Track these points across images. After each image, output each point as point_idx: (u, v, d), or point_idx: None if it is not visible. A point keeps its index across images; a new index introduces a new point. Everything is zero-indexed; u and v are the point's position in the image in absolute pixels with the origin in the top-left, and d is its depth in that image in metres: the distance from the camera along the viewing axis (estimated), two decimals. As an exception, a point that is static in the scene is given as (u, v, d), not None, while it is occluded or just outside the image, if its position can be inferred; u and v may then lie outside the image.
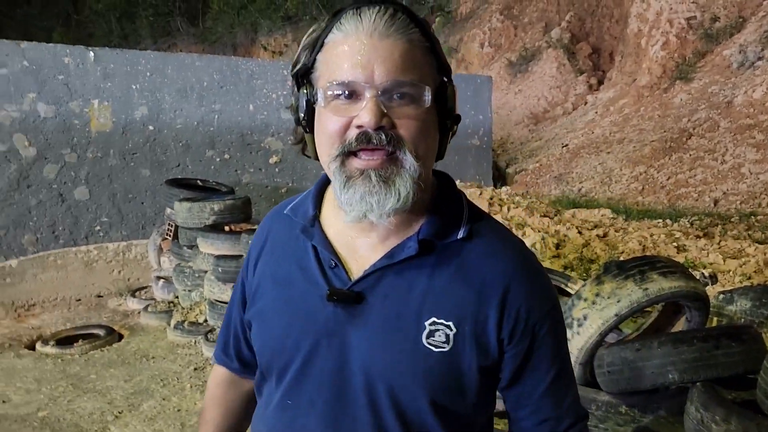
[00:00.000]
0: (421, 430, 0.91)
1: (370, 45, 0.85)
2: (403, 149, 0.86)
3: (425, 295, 0.91)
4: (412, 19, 0.88)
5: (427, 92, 0.87)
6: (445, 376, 0.89)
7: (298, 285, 0.96)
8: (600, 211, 5.70)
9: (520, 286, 0.92)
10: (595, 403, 2.46)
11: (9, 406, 4.00)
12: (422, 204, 0.93)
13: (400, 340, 0.89)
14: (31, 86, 6.26)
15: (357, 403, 0.90)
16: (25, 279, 5.99)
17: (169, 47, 27.00)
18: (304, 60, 0.92)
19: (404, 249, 0.92)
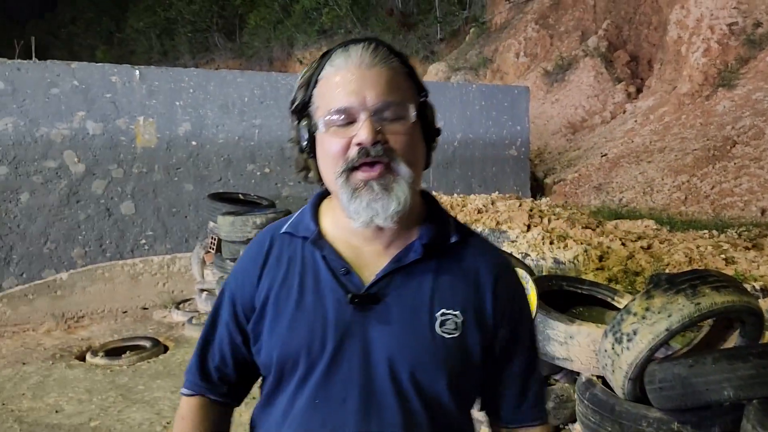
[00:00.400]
0: (440, 409, 1.04)
1: (359, 74, 1.01)
2: (397, 160, 1.00)
3: (433, 291, 1.06)
4: (391, 50, 1.05)
5: (411, 110, 1.03)
6: (458, 358, 1.05)
7: (313, 292, 1.06)
8: (643, 222, 5.60)
9: (505, 279, 1.12)
10: (646, 419, 2.42)
11: (62, 415, 4.12)
12: (415, 216, 1.09)
13: (418, 332, 1.03)
14: (81, 105, 6.48)
15: (384, 392, 1.02)
16: (75, 291, 6.17)
17: (207, 62, 27.58)
18: (301, 97, 1.07)
19: (410, 253, 1.07)
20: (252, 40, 25.39)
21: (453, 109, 8.81)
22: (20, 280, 6.21)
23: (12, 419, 4.04)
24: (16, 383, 4.69)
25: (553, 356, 2.89)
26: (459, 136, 8.85)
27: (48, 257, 6.36)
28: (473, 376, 1.09)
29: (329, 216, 1.12)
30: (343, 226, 1.08)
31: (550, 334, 2.86)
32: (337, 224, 1.10)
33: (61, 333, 6.01)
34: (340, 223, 1.08)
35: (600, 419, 2.54)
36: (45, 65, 6.40)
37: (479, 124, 9.01)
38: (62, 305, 6.12)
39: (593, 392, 2.64)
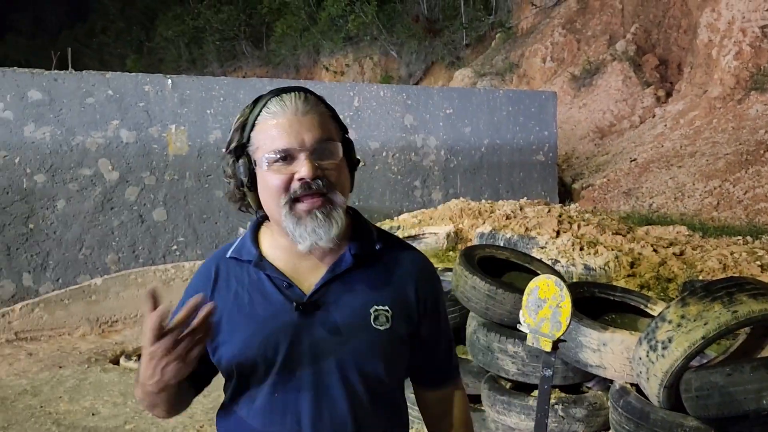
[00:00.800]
0: (379, 388, 1.25)
1: (296, 120, 1.18)
2: (334, 191, 1.19)
3: (365, 292, 1.25)
4: (317, 97, 1.24)
5: (339, 147, 1.22)
6: (391, 345, 1.25)
7: (263, 305, 1.23)
8: (675, 228, 5.52)
9: (425, 276, 1.33)
10: (682, 428, 2.40)
11: (98, 418, 4.21)
12: (345, 230, 1.24)
13: (356, 328, 1.22)
14: (115, 114, 6.62)
15: (332, 380, 1.21)
16: (109, 296, 6.29)
17: (234, 70, 27.93)
18: (237, 138, 1.23)
19: (342, 263, 1.25)
20: (279, 47, 25.62)
21: (480, 115, 8.80)
22: (56, 285, 6.36)
23: (50, 421, 4.14)
24: (53, 386, 4.80)
25: (585, 363, 2.87)
26: (486, 142, 8.84)
27: (83, 263, 6.50)
28: (404, 357, 1.31)
29: (267, 239, 1.29)
30: (281, 246, 1.26)
31: (582, 341, 2.85)
32: (275, 246, 1.27)
33: (96, 337, 6.13)
34: (278, 244, 1.27)
35: (635, 427, 2.52)
36: (81, 76, 6.56)
37: (506, 129, 8.99)
38: (96, 310, 6.25)
39: (627, 400, 2.62)
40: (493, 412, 3.12)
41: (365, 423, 1.25)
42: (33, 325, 6.00)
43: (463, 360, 3.55)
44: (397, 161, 8.26)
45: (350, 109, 7.94)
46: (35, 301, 6.04)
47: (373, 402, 1.25)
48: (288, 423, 1.22)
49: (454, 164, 8.64)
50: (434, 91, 8.74)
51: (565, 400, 2.94)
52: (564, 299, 2.11)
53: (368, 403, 1.24)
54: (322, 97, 1.27)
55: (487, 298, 3.27)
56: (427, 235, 6.13)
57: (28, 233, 6.28)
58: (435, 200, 8.38)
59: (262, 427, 1.23)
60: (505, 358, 3.16)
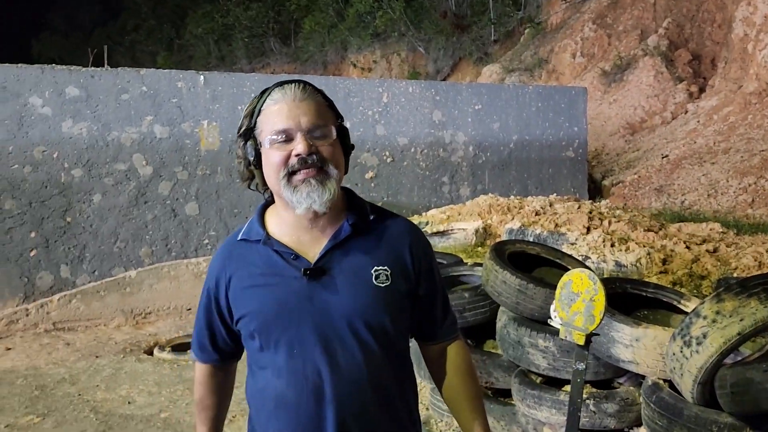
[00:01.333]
0: (385, 338, 1.41)
1: (294, 105, 1.36)
2: (327, 164, 1.36)
3: (365, 255, 1.42)
4: (314, 89, 1.41)
5: (333, 131, 1.40)
6: (392, 299, 1.42)
7: (274, 277, 1.40)
8: (708, 225, 5.43)
9: (417, 240, 1.51)
10: (717, 424, 2.38)
11: (134, 407, 4.31)
12: (340, 207, 1.44)
13: (361, 287, 1.40)
14: (149, 109, 6.75)
15: (344, 333, 1.37)
16: (143, 289, 6.43)
17: (263, 67, 28.14)
18: (247, 124, 1.41)
19: (342, 232, 1.42)
20: (307, 44, 25.72)
21: (509, 111, 8.76)
22: (92, 277, 6.51)
23: (88, 409, 4.26)
24: (91, 375, 4.93)
25: (618, 359, 2.86)
26: (515, 138, 8.79)
27: (118, 256, 6.65)
28: (405, 311, 1.47)
29: (273, 220, 1.46)
30: (286, 223, 1.43)
31: (614, 337, 2.84)
32: (280, 224, 1.44)
33: (130, 328, 6.27)
34: (282, 222, 1.44)
35: (668, 423, 2.51)
36: (116, 72, 6.70)
37: (536, 125, 8.93)
38: (131, 302, 6.39)
39: (660, 396, 2.61)
40: (523, 406, 3.12)
41: (378, 372, 1.40)
42: (70, 315, 6.16)
43: (493, 354, 3.56)
44: (426, 157, 8.27)
45: (379, 105, 7.96)
46: (72, 293, 6.20)
47: (383, 353, 1.41)
48: (310, 375, 1.37)
49: (482, 160, 8.62)
50: (463, 87, 8.72)
51: (597, 395, 2.94)
52: (597, 293, 2.11)
53: (379, 355, 1.40)
54: (320, 89, 1.44)
55: (517, 293, 3.28)
56: (455, 230, 6.14)
57: (65, 226, 6.44)
58: (463, 196, 8.37)
59: (287, 383, 1.38)
60: (536, 353, 3.16)
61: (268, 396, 1.41)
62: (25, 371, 5.01)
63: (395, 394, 1.45)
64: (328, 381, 1.36)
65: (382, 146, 7.94)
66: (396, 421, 1.45)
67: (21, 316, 6.03)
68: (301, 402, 1.37)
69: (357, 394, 1.37)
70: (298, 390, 1.37)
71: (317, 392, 1.37)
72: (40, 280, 6.38)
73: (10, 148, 6.25)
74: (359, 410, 1.38)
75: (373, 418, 1.40)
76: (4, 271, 6.26)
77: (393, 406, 1.44)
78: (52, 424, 4.00)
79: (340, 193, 1.46)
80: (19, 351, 5.53)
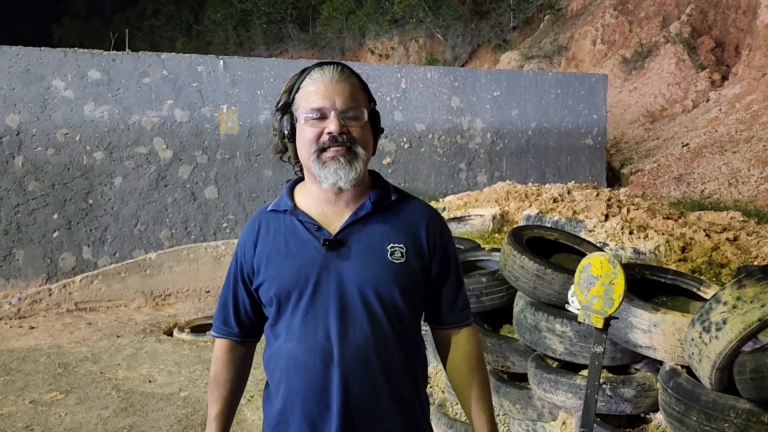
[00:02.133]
0: (396, 313, 1.47)
1: (331, 86, 1.43)
2: (356, 144, 1.43)
3: (383, 232, 1.48)
4: (351, 72, 1.48)
5: (365, 113, 1.47)
6: (405, 275, 1.47)
7: (296, 245, 1.48)
8: (729, 214, 5.37)
9: (434, 221, 1.56)
10: (735, 410, 2.38)
11: (155, 385, 4.39)
12: (365, 185, 1.51)
13: (376, 261, 1.46)
14: (169, 93, 6.80)
15: (355, 303, 1.44)
16: (162, 271, 6.52)
17: (281, 53, 28.13)
18: (285, 99, 1.50)
19: (363, 209, 1.49)
20: (324, 30, 25.64)
21: (528, 98, 8.70)
22: (113, 258, 6.61)
23: (110, 387, 4.35)
24: (112, 354, 5.02)
25: (635, 344, 2.86)
26: (533, 125, 8.75)
27: (138, 238, 6.74)
28: (418, 288, 1.52)
29: (301, 194, 1.54)
30: (312, 196, 1.51)
31: (632, 322, 2.84)
32: (307, 198, 1.52)
33: (150, 309, 6.37)
34: (309, 195, 1.51)
35: (685, 408, 2.52)
36: (137, 56, 6.75)
37: (555, 112, 8.87)
38: (151, 283, 6.49)
39: (678, 381, 2.61)
40: (539, 390, 3.14)
41: (384, 344, 1.46)
42: (92, 296, 6.27)
43: (510, 338, 3.57)
44: (443, 143, 8.25)
45: (397, 91, 7.95)
46: (94, 274, 6.30)
47: (391, 326, 1.46)
48: (320, 339, 1.44)
49: (500, 147, 8.59)
50: (482, 74, 8.68)
51: (614, 380, 2.94)
52: (617, 276, 2.11)
53: (387, 327, 1.46)
54: (357, 73, 1.51)
55: (535, 278, 3.28)
56: (472, 216, 6.13)
57: (87, 208, 6.54)
58: (480, 183, 8.35)
59: (298, 345, 1.45)
60: (553, 338, 3.17)
61: (281, 358, 1.47)
62: (48, 349, 5.11)
63: (401, 368, 1.49)
64: (336, 345, 1.42)
65: (400, 132, 7.94)
66: (399, 394, 1.49)
67: (44, 296, 6.14)
68: (309, 363, 1.43)
69: (361, 361, 1.43)
70: (307, 352, 1.44)
71: (325, 355, 1.43)
72: (62, 261, 6.49)
73: (34, 130, 6.34)
74: (363, 376, 1.43)
75: (376, 386, 1.45)
76: (28, 252, 6.37)
77: (397, 379, 1.48)
78: (75, 401, 4.09)
79: (366, 173, 1.52)
80: (42, 330, 5.64)
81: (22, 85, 6.30)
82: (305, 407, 1.44)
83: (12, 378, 4.49)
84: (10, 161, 6.29)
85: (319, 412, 1.43)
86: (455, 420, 3.42)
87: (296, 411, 1.45)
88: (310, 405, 1.44)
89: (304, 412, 1.44)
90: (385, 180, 1.59)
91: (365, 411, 1.45)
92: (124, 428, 3.71)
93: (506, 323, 3.82)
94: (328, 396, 1.43)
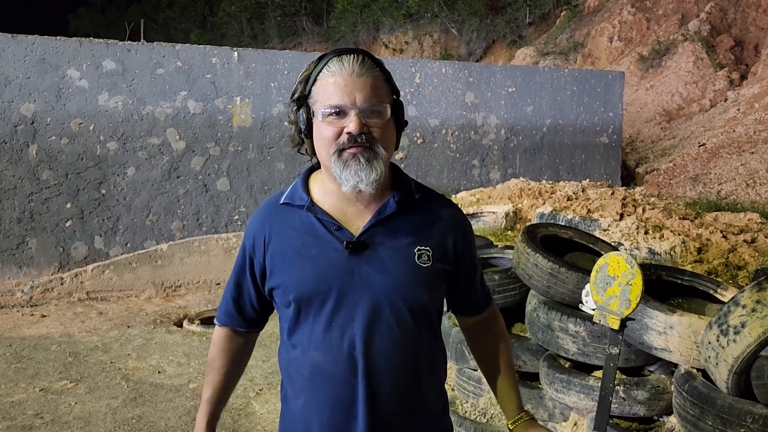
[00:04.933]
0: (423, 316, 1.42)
1: (351, 81, 1.32)
2: (376, 144, 1.33)
3: (409, 234, 1.41)
4: (374, 60, 1.37)
5: (387, 109, 1.36)
6: (432, 279, 1.42)
7: (314, 247, 1.38)
8: (746, 215, 5.29)
9: (460, 221, 1.51)
10: (751, 415, 2.33)
11: (164, 376, 4.40)
12: (387, 182, 1.42)
13: (403, 265, 1.38)
14: (183, 85, 6.80)
15: (381, 309, 1.36)
16: (173, 262, 6.53)
17: (294, 46, 28.11)
18: (301, 90, 1.39)
19: (387, 208, 1.40)
20: (339, 24, 25.58)
21: (543, 95, 8.62)
22: (125, 249, 6.63)
23: (120, 376, 4.35)
24: (122, 344, 5.04)
25: (650, 346, 2.82)
26: (548, 122, 8.67)
27: (150, 229, 6.75)
28: (442, 290, 1.49)
29: (317, 186, 1.44)
30: (330, 192, 1.41)
31: (648, 323, 2.80)
32: (325, 192, 1.42)
33: (161, 300, 6.38)
34: (327, 190, 1.42)
35: (700, 413, 2.47)
36: (152, 47, 6.75)
37: (570, 110, 8.78)
38: (162, 274, 6.50)
39: (693, 385, 2.57)
40: (551, 391, 3.10)
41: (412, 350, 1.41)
42: (103, 285, 6.29)
43: (522, 337, 3.53)
44: (457, 139, 8.20)
45: (411, 86, 7.90)
46: (106, 263, 6.32)
47: (419, 331, 1.42)
48: (346, 348, 1.37)
49: (514, 144, 8.52)
50: (497, 69, 8.60)
51: (627, 382, 2.90)
52: (635, 277, 2.07)
53: (415, 333, 1.41)
54: (380, 61, 1.39)
55: (549, 277, 3.24)
56: (485, 213, 6.09)
57: (100, 198, 6.56)
58: (493, 180, 8.29)
59: (323, 354, 1.38)
60: (566, 337, 3.13)
61: (303, 366, 1.41)
62: (59, 338, 5.14)
63: (426, 372, 1.46)
64: (362, 355, 1.36)
65: (413, 127, 7.90)
66: (427, 401, 1.46)
67: (56, 285, 6.17)
68: (337, 373, 1.37)
69: (389, 370, 1.38)
70: (333, 362, 1.38)
71: (352, 364, 1.37)
72: (74, 250, 6.51)
73: (48, 119, 6.36)
74: (391, 386, 1.38)
75: (405, 395, 1.41)
76: (41, 241, 6.40)
77: (425, 385, 1.45)
78: (85, 390, 4.10)
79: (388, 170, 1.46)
80: (53, 318, 5.67)
81: (38, 75, 6.31)
82: (332, 418, 1.39)
83: (23, 366, 4.51)
84: (25, 150, 6.31)
85: (345, 423, 1.38)
86: (465, 418, 3.39)
87: (323, 422, 1.40)
88: (337, 416, 1.38)
89: (331, 423, 1.39)
90: (405, 175, 1.50)
91: (393, 421, 1.40)
92: (133, 418, 3.71)
93: (518, 322, 3.79)
94: (355, 407, 1.37)
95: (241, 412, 3.82)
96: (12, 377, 4.28)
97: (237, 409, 3.86)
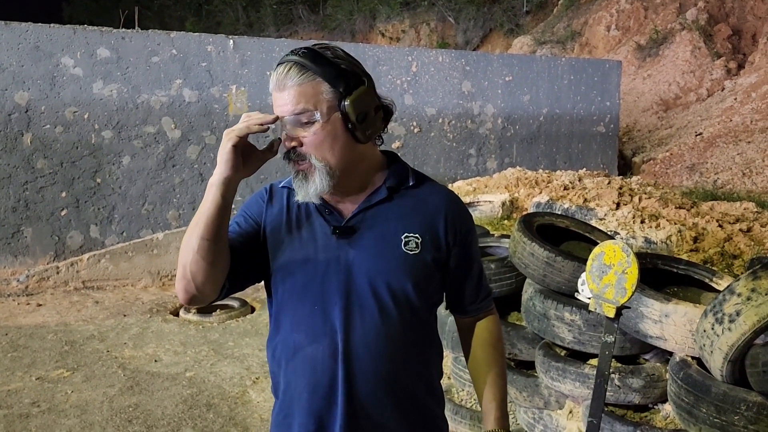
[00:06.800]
0: (408, 308, 1.40)
1: (278, 96, 1.31)
2: (309, 156, 1.31)
3: (398, 220, 1.40)
4: (302, 65, 1.29)
5: (316, 115, 1.29)
6: (419, 268, 1.40)
7: (305, 229, 1.40)
8: (742, 204, 5.30)
9: (455, 210, 1.47)
10: (745, 402, 2.34)
11: (161, 365, 4.40)
12: (377, 169, 1.44)
13: (389, 250, 1.38)
14: (178, 73, 6.76)
15: (365, 294, 1.37)
16: (169, 251, 6.51)
17: (290, 34, 27.95)
18: None
19: (377, 194, 1.42)
20: (335, 12, 25.42)
21: (540, 84, 8.60)
22: (121, 238, 6.62)
23: (116, 365, 4.35)
24: (119, 333, 5.03)
25: (645, 334, 2.83)
26: (545, 111, 8.65)
27: (145, 218, 6.74)
28: (432, 281, 1.44)
29: None
30: None
31: (643, 312, 2.80)
32: None
33: (157, 289, 6.38)
34: None
35: (694, 400, 2.48)
36: (147, 35, 6.70)
37: (567, 99, 8.77)
38: (158, 263, 6.49)
39: (688, 373, 2.58)
40: (546, 379, 3.11)
41: (394, 337, 1.39)
42: (99, 274, 6.28)
43: (517, 326, 3.54)
44: (453, 128, 8.18)
45: (408, 75, 7.87)
46: (101, 252, 6.31)
47: (402, 319, 1.40)
48: (328, 332, 1.37)
49: (510, 133, 8.51)
50: (494, 58, 8.57)
51: (622, 369, 2.91)
52: (631, 265, 2.07)
53: (398, 320, 1.39)
54: (318, 58, 1.31)
55: (545, 266, 3.24)
56: (482, 202, 6.08)
57: (95, 187, 6.53)
58: (490, 169, 8.29)
59: (305, 337, 1.39)
60: (561, 326, 3.14)
61: (288, 348, 1.42)
62: (56, 327, 5.13)
63: (412, 362, 1.43)
64: (343, 339, 1.36)
65: (410, 116, 7.87)
66: (409, 389, 1.44)
67: (52, 274, 6.16)
68: (317, 356, 1.38)
69: (369, 356, 1.37)
70: (315, 344, 1.38)
71: (332, 348, 1.37)
72: (70, 239, 6.49)
73: (42, 107, 6.32)
74: (370, 372, 1.38)
75: (384, 381, 1.39)
76: (36, 230, 6.38)
77: (407, 373, 1.43)
78: (81, 378, 4.10)
79: (381, 157, 1.46)
80: (49, 307, 5.66)
81: (31, 62, 6.27)
82: (312, 402, 1.39)
83: (19, 354, 4.51)
84: (19, 138, 6.28)
85: (326, 407, 1.38)
86: (460, 406, 3.40)
87: (302, 405, 1.40)
88: (317, 400, 1.38)
89: (310, 406, 1.39)
90: (403, 162, 1.49)
91: (371, 407, 1.39)
92: (129, 407, 3.71)
93: (514, 310, 3.79)
94: (334, 392, 1.37)
95: (237, 401, 3.83)
96: (8, 366, 4.28)
97: (234, 398, 3.86)
